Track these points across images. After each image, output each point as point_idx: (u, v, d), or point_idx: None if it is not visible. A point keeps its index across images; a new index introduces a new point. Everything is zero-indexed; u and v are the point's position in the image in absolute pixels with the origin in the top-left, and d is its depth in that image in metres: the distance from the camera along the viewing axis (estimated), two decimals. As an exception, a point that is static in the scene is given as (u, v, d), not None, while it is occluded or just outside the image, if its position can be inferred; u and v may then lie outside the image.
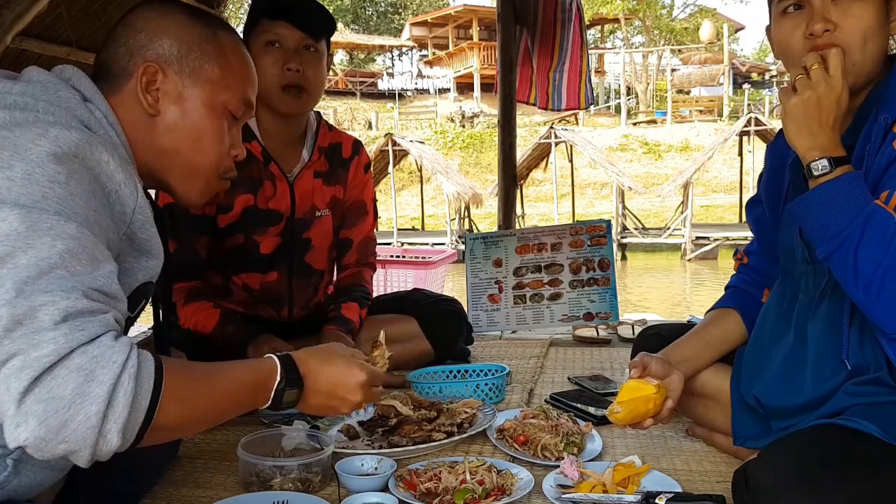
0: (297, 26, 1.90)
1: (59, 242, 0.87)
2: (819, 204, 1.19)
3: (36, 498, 1.08)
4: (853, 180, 1.18)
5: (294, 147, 2.07)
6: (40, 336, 0.81)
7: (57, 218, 0.88)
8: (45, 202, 0.89)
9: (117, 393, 0.85)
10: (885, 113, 1.23)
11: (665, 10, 30.65)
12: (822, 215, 1.18)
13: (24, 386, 0.80)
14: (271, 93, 1.92)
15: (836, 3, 1.24)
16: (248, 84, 1.21)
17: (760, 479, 1.12)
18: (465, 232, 15.25)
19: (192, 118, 1.14)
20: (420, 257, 5.84)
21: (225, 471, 1.56)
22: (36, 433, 0.81)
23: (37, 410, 0.80)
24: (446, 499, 1.33)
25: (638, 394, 1.40)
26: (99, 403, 0.83)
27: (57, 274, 0.85)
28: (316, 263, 2.16)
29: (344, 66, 35.70)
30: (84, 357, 0.83)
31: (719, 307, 1.62)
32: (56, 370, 0.81)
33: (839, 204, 1.17)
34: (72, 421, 0.82)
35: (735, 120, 20.21)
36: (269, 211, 2.03)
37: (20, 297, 0.82)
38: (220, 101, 1.15)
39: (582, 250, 2.91)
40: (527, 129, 23.34)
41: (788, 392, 1.35)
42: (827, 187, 1.18)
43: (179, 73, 1.13)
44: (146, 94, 1.11)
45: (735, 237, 14.80)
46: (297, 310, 2.17)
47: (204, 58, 1.14)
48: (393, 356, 2.24)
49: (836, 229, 1.16)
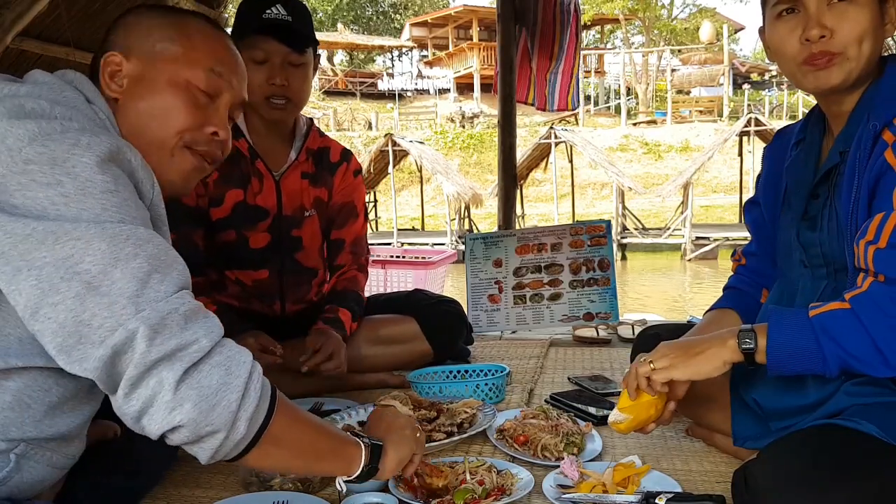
0: (284, 43, 1.94)
1: (140, 250, 0.93)
2: (785, 360, 1.20)
3: (37, 497, 1.08)
4: (776, 326, 1.20)
5: (282, 146, 2.12)
6: (179, 338, 0.93)
7: (124, 226, 0.94)
8: (107, 213, 0.93)
9: (249, 387, 0.98)
10: (874, 119, 1.23)
11: (665, 10, 30.67)
12: (799, 363, 1.20)
13: (178, 376, 0.92)
14: (258, 103, 1.99)
15: (830, 7, 1.23)
16: (212, 58, 1.20)
17: (760, 479, 1.12)
18: (465, 232, 15.25)
19: (158, 97, 1.14)
20: (420, 257, 5.84)
21: (225, 471, 1.56)
22: (190, 415, 0.93)
23: (191, 395, 0.93)
24: (446, 499, 1.33)
25: (642, 397, 1.39)
26: (237, 392, 0.96)
27: (155, 279, 0.94)
28: (307, 261, 2.19)
29: (344, 66, 35.73)
30: (222, 355, 0.97)
31: (718, 308, 1.62)
32: (201, 365, 0.95)
33: (795, 347, 1.18)
34: (218, 405, 0.95)
35: (735, 120, 20.22)
36: (256, 207, 2.08)
37: (145, 311, 0.91)
38: (183, 78, 1.15)
39: (582, 250, 2.91)
40: (527, 129, 23.34)
41: (787, 393, 1.35)
42: (771, 352, 1.20)
43: (138, 56, 1.14)
44: (111, 81, 1.13)
45: (735, 237, 14.78)
46: (289, 305, 2.19)
47: (163, 38, 1.15)
48: (391, 353, 2.26)
49: (819, 359, 1.17)
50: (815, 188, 1.36)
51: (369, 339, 2.18)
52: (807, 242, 1.37)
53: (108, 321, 0.90)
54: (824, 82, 1.27)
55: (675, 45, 30.27)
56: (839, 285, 1.30)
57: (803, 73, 1.29)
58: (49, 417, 1.02)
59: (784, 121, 21.25)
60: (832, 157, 1.32)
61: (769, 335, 1.20)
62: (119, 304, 0.90)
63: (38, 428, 1.01)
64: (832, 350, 1.15)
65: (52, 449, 1.05)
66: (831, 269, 1.33)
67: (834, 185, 1.32)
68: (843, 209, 1.27)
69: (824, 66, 1.26)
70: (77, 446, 1.11)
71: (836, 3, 1.23)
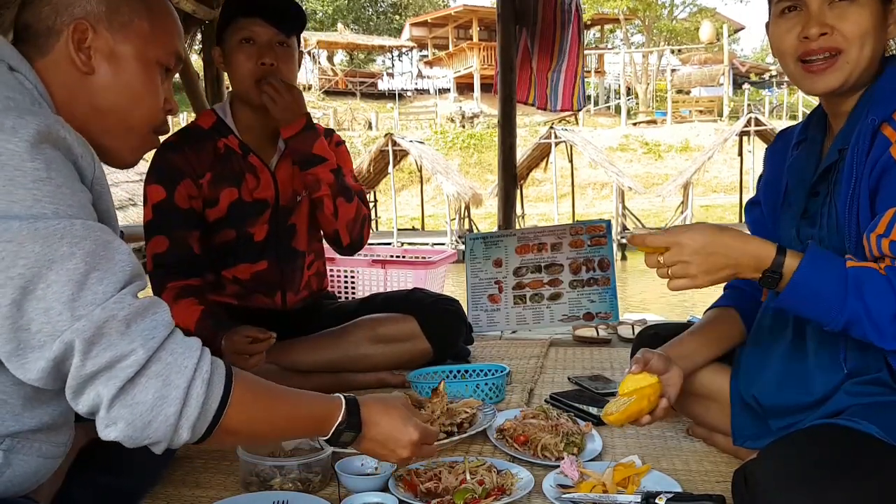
0: (271, 23, 1.96)
1: (76, 248, 0.89)
2: (802, 298, 1.18)
3: (34, 495, 1.08)
4: (811, 262, 1.16)
5: (271, 138, 2.12)
6: (115, 350, 0.89)
7: (58, 222, 0.88)
8: (40, 205, 0.87)
9: (191, 395, 0.94)
10: (872, 114, 1.24)
11: (665, 10, 30.67)
12: (813, 306, 1.18)
13: (112, 393, 0.90)
14: (246, 86, 1.99)
15: (832, 7, 1.25)
16: (176, 36, 1.18)
17: (760, 479, 1.12)
18: (465, 232, 15.25)
19: (127, 74, 1.10)
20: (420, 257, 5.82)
21: (225, 471, 1.56)
22: (124, 433, 0.92)
23: (124, 415, 0.91)
24: (446, 499, 1.33)
25: (638, 385, 1.40)
26: (176, 405, 0.93)
27: (93, 279, 0.89)
28: (299, 246, 2.20)
29: (344, 66, 35.72)
30: (160, 364, 0.93)
31: (718, 306, 1.63)
32: (138, 379, 0.91)
33: (820, 289, 1.16)
34: (154, 421, 0.92)
35: (735, 120, 20.21)
36: (255, 202, 2.08)
37: (81, 320, 0.88)
38: (151, 55, 1.12)
39: (582, 250, 2.91)
40: (527, 129, 23.33)
41: (787, 391, 1.35)
42: (795, 284, 1.17)
43: (109, 30, 1.08)
44: (78, 52, 1.06)
45: (735, 237, 14.76)
46: (290, 295, 2.19)
47: (132, 12, 1.11)
48: (391, 353, 2.25)
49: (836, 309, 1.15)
50: (815, 186, 1.37)
51: (369, 338, 2.18)
52: (807, 239, 1.37)
53: (46, 327, 0.87)
54: (822, 86, 1.29)
55: (675, 45, 30.28)
56: None
57: (801, 75, 1.31)
58: (28, 409, 0.99)
59: (784, 121, 21.28)
60: (831, 155, 1.33)
61: (800, 267, 1.17)
62: (55, 311, 0.87)
63: (19, 421, 0.99)
64: (854, 305, 1.14)
65: (41, 440, 1.03)
66: None
67: (833, 183, 1.32)
68: (842, 205, 1.27)
69: (821, 70, 1.27)
70: (66, 433, 1.09)
71: (837, 3, 1.24)
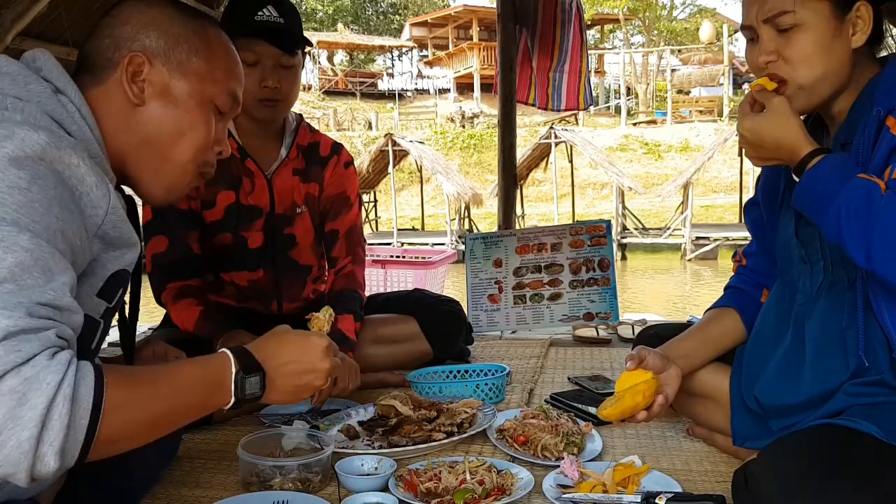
0: (276, 45, 1.94)
1: (9, 255, 0.83)
2: (805, 194, 1.23)
3: (36, 497, 1.08)
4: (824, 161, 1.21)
5: (271, 144, 2.12)
6: None
7: (10, 228, 0.85)
8: (2, 209, 0.85)
9: (52, 416, 0.80)
10: (877, 106, 1.25)
11: (665, 10, 30.66)
12: (815, 205, 1.21)
13: None
14: (248, 104, 1.96)
15: (781, 35, 1.29)
16: (234, 79, 1.19)
17: (760, 479, 1.12)
18: (465, 232, 15.25)
19: (175, 110, 1.11)
20: (420, 257, 5.85)
21: (225, 471, 1.56)
22: None
23: None
24: (446, 499, 1.33)
25: (633, 381, 1.41)
26: (31, 428, 0.79)
27: (5, 289, 0.82)
28: (301, 259, 2.19)
29: (344, 66, 35.72)
30: (17, 379, 0.79)
31: (719, 307, 1.63)
32: None
33: (818, 187, 1.20)
34: (3, 446, 0.78)
35: (735, 120, 20.18)
36: (249, 207, 2.07)
37: None
38: (207, 95, 1.14)
39: (582, 250, 2.91)
40: (527, 129, 23.33)
41: (787, 390, 1.35)
42: (813, 171, 1.22)
43: (166, 65, 1.10)
44: (132, 84, 1.08)
45: (735, 237, 14.77)
46: (286, 304, 2.19)
47: (191, 51, 1.13)
48: (391, 353, 2.24)
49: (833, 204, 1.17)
50: None
51: (369, 338, 2.18)
52: (806, 238, 1.37)
53: None
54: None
55: (675, 45, 30.25)
56: (836, 279, 1.32)
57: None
58: None
59: (784, 121, 21.19)
60: (834, 150, 1.32)
61: (813, 167, 1.22)
62: None
63: None
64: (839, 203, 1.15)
65: None
66: (828, 262, 1.34)
67: None
68: None
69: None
70: None
71: (783, 32, 1.28)
